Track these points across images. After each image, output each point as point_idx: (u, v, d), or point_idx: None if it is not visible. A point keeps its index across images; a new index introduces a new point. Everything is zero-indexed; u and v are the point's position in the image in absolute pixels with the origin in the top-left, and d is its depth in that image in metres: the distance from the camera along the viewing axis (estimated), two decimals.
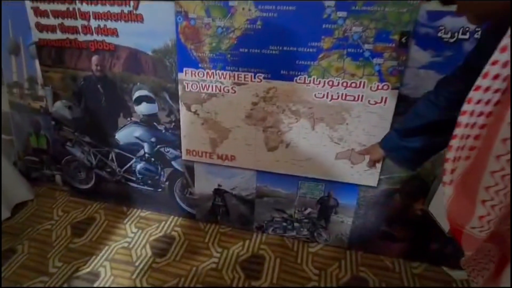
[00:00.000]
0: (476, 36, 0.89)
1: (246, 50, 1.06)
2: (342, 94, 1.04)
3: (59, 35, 1.25)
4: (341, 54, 0.99)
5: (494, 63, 0.41)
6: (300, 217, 1.30)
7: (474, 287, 0.58)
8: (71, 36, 1.24)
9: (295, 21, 0.98)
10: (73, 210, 1.53)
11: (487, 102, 0.43)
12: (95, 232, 1.40)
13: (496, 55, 0.40)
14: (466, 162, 0.48)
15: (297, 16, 0.97)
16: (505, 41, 0.37)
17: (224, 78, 1.12)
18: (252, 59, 1.06)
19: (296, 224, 1.32)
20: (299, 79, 1.05)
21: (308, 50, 1.01)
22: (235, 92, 1.13)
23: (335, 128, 1.09)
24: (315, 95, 1.06)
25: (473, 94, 0.44)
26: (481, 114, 0.44)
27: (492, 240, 0.50)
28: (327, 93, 1.05)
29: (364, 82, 1.01)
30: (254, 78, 1.09)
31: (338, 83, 1.03)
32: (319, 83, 1.04)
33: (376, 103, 1.02)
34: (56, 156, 1.56)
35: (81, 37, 1.23)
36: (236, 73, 1.10)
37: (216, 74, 1.12)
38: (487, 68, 0.42)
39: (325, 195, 1.23)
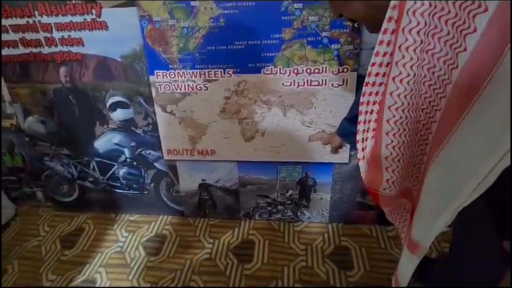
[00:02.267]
0: None
1: (213, 48, 1.11)
2: (307, 80, 1.12)
3: (21, 50, 1.23)
4: (302, 43, 1.06)
5: (373, 64, 0.52)
6: (283, 199, 1.38)
7: None
8: (35, 50, 1.23)
9: (256, 15, 1.04)
10: (60, 224, 1.52)
11: (377, 93, 0.55)
12: (85, 242, 1.42)
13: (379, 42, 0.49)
14: (372, 141, 0.60)
15: (257, 10, 1.03)
16: (385, 25, 0.47)
17: (195, 76, 1.16)
18: (220, 56, 1.11)
19: (280, 207, 1.40)
20: (266, 70, 1.11)
21: (271, 42, 1.07)
22: (207, 89, 1.18)
23: (304, 112, 1.17)
24: (282, 83, 1.13)
25: (364, 89, 0.55)
26: (374, 103, 0.56)
27: (403, 195, 0.63)
28: (294, 80, 1.12)
29: (325, 67, 1.09)
30: (224, 73, 1.14)
31: (303, 70, 1.10)
32: (285, 72, 1.11)
33: (338, 85, 1.11)
34: (35, 173, 1.54)
35: (45, 50, 1.22)
36: (206, 71, 1.15)
37: (187, 74, 1.16)
38: (369, 69, 0.52)
39: (303, 176, 1.32)
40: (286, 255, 1.28)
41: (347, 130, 0.98)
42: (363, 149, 0.63)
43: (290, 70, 1.11)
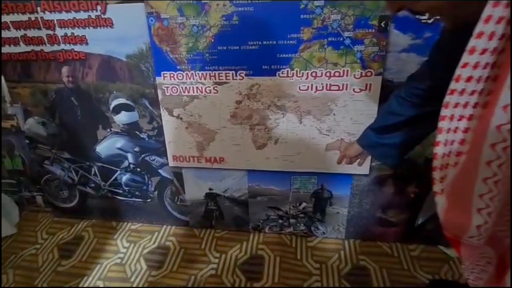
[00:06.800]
0: None
1: (224, 48, 1.02)
2: (327, 85, 1.02)
3: (23, 48, 1.17)
4: (322, 44, 0.97)
5: (464, 65, 0.39)
6: (296, 212, 1.28)
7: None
8: (37, 48, 1.16)
9: (272, 13, 0.95)
10: (59, 231, 1.45)
11: (465, 105, 0.41)
12: (84, 252, 1.34)
13: (465, 55, 0.37)
14: (455, 169, 0.46)
15: (274, 8, 0.95)
16: (479, 27, 0.35)
17: (205, 78, 1.08)
18: (231, 57, 1.03)
19: (292, 220, 1.30)
20: (282, 73, 1.03)
21: (288, 42, 0.98)
22: (217, 92, 1.10)
23: (322, 119, 1.08)
24: (299, 88, 1.04)
25: (449, 99, 0.42)
26: (461, 118, 0.42)
27: (487, 242, 0.49)
28: (311, 84, 1.03)
29: (347, 71, 1.00)
30: (236, 76, 1.06)
31: (322, 73, 1.01)
32: (302, 75, 1.02)
33: (361, 90, 1.02)
34: (35, 176, 1.47)
35: (48, 48, 1.15)
36: (216, 73, 1.06)
37: (196, 75, 1.08)
38: (458, 71, 0.39)
39: (318, 188, 1.22)
40: (298, 273, 1.17)
41: (373, 140, 0.88)
42: (441, 179, 0.49)
43: (308, 73, 1.02)
